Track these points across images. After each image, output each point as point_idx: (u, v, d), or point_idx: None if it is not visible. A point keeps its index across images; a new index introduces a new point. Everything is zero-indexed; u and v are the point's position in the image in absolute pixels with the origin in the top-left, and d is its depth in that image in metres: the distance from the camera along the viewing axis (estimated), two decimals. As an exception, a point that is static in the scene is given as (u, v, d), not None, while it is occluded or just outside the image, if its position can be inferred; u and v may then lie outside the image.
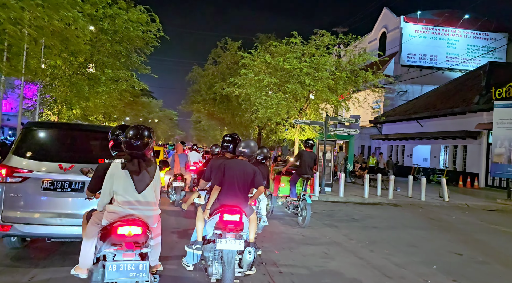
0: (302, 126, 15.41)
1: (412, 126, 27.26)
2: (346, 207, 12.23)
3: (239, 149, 4.69)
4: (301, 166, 8.90)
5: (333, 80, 14.26)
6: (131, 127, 3.51)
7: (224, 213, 4.21)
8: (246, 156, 4.65)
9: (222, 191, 4.43)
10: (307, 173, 8.85)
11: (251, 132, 24.35)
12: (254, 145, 4.75)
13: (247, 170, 4.52)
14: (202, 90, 21.01)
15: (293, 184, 9.16)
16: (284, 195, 9.53)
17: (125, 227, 3.19)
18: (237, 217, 4.20)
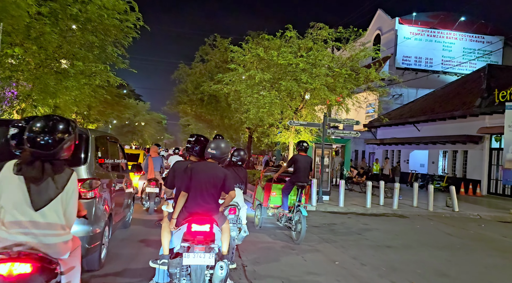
0: (297, 129, 13.88)
1: (409, 131, 25.96)
2: (348, 219, 10.67)
3: (207, 150, 4.15)
4: (295, 172, 7.64)
5: (332, 78, 12.80)
6: (39, 117, 2.52)
7: (192, 223, 3.78)
8: (216, 158, 4.13)
9: (189, 197, 3.96)
10: (303, 180, 7.54)
11: (241, 135, 22.77)
12: (225, 146, 4.24)
13: (217, 173, 4.06)
14: (188, 90, 19.38)
15: (285, 193, 7.82)
16: (275, 205, 8.20)
17: (3, 264, 2.11)
18: (207, 227, 3.78)
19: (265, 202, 8.12)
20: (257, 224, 8.36)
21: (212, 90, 14.46)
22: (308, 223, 9.40)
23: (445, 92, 26.62)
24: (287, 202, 7.76)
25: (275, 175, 8.16)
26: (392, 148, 28.41)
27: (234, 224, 5.21)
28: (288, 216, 7.59)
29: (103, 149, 5.46)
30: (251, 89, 12.69)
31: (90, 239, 4.37)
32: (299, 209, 7.20)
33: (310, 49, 12.97)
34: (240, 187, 5.73)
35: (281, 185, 8.07)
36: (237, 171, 5.73)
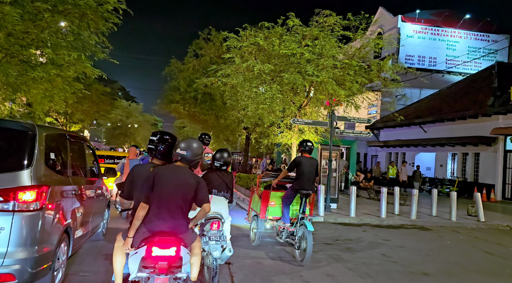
0: (301, 128, 12.21)
1: (414, 132, 24.40)
2: (364, 232, 8.99)
3: (176, 150, 3.31)
4: (298, 177, 6.27)
5: (340, 70, 11.16)
6: None
7: (153, 246, 2.96)
8: (186, 160, 3.31)
9: (151, 211, 3.09)
10: (307, 187, 6.19)
11: (238, 137, 21.06)
12: (197, 146, 3.37)
13: (188, 180, 3.23)
14: (181, 88, 17.64)
15: (287, 203, 6.42)
16: (274, 217, 6.75)
17: None
18: (172, 251, 2.97)
19: (263, 213, 6.65)
20: (253, 239, 6.95)
21: (206, 82, 12.72)
22: (316, 238, 7.76)
23: (452, 92, 25.11)
24: (289, 213, 6.42)
25: (275, 181, 6.69)
26: (396, 150, 26.83)
27: (217, 241, 4.28)
28: (290, 230, 6.28)
29: (60, 150, 4.48)
30: (249, 83, 11.02)
31: (35, 261, 3.42)
32: (303, 222, 5.93)
33: (315, 38, 11.32)
34: (225, 195, 4.84)
35: (281, 193, 6.65)
36: (222, 176, 4.85)
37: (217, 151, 4.98)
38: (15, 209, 3.32)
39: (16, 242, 3.31)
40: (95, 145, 49.53)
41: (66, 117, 17.00)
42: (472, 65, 29.54)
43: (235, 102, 13.42)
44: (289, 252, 6.48)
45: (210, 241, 4.26)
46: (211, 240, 4.27)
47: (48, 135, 4.07)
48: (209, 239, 4.27)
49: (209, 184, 4.59)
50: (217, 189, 4.77)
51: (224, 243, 4.37)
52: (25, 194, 3.41)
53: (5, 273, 3.22)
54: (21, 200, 3.37)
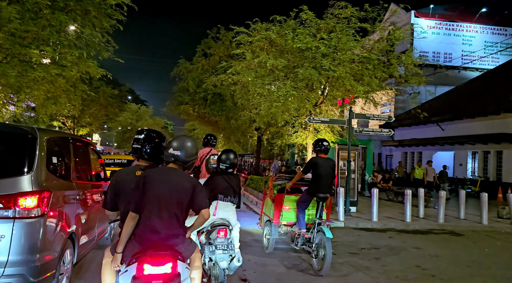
0: (316, 127, 11.44)
1: (431, 130, 23.39)
2: (390, 239, 8.18)
3: (168, 151, 2.86)
4: (315, 180, 5.82)
5: (358, 64, 10.39)
6: None
7: (145, 263, 2.55)
8: (180, 161, 2.87)
9: (141, 221, 2.68)
10: (324, 191, 5.74)
11: (249, 138, 20.32)
12: (191, 145, 2.91)
13: (182, 183, 2.78)
14: (190, 88, 17.00)
15: (302, 207, 5.95)
16: (289, 222, 6.30)
17: None
18: (167, 268, 2.56)
19: (276, 219, 6.20)
20: (266, 246, 6.51)
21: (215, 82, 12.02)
22: (339, 246, 6.99)
23: (470, 88, 24.07)
24: (304, 218, 5.97)
25: (289, 184, 6.18)
26: (412, 150, 25.82)
27: (224, 250, 3.97)
28: (306, 236, 5.80)
29: (63, 154, 4.29)
30: (262, 80, 10.30)
31: (37, 270, 3.27)
32: (320, 228, 5.47)
33: (331, 31, 10.57)
34: (232, 200, 4.42)
35: (295, 197, 6.19)
36: (229, 180, 4.42)
37: (222, 152, 4.58)
38: (16, 216, 3.19)
39: (18, 251, 3.17)
40: (106, 148, 49.30)
41: (74, 121, 16.49)
42: (489, 61, 28.39)
43: (246, 101, 12.72)
44: (306, 260, 5.98)
45: (217, 250, 3.93)
46: (218, 249, 3.94)
47: (50, 139, 3.86)
48: (215, 248, 3.95)
49: (214, 188, 4.34)
50: (223, 194, 4.37)
51: (232, 252, 4.00)
52: (26, 200, 3.25)
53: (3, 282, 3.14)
54: (21, 207, 3.22)
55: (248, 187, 15.67)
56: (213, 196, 4.31)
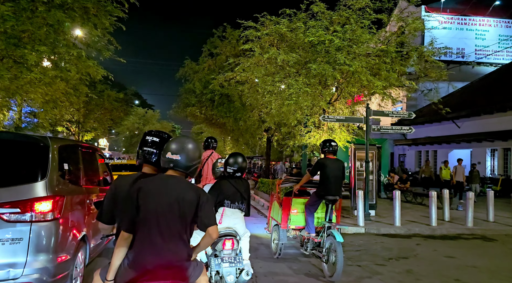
0: (331, 126, 10.71)
1: (446, 128, 22.49)
2: (418, 246, 7.41)
3: (166, 155, 2.35)
4: (323, 182, 5.62)
5: (375, 58, 9.67)
6: None
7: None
8: (181, 167, 2.35)
9: (137, 241, 2.20)
10: (333, 193, 5.53)
11: (258, 140, 19.64)
12: (193, 147, 2.41)
13: (185, 195, 2.27)
14: (196, 90, 16.37)
15: (310, 211, 5.76)
16: (297, 226, 6.09)
17: None
18: None
19: (284, 223, 6.00)
20: (274, 251, 6.27)
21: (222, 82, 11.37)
22: (364, 255, 6.27)
23: (485, 84, 23.13)
24: (313, 222, 5.77)
25: (296, 187, 5.98)
26: (427, 148, 24.93)
27: (231, 263, 3.65)
28: (316, 241, 5.59)
29: (73, 160, 4.40)
30: (272, 77, 9.62)
31: (54, 270, 3.43)
32: (330, 232, 5.25)
33: (345, 23, 9.85)
34: (239, 206, 4.07)
35: (304, 199, 6.00)
36: (236, 184, 4.07)
37: (229, 155, 4.22)
38: (32, 220, 3.33)
39: (35, 252, 3.31)
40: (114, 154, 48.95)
41: (78, 125, 15.97)
42: (504, 55, 27.41)
43: (255, 101, 12.06)
44: (316, 265, 5.76)
45: (223, 263, 3.61)
46: (224, 261, 3.62)
47: (61, 147, 4.01)
48: (222, 261, 3.62)
49: (220, 194, 4.03)
50: (230, 200, 4.03)
51: (240, 264, 3.65)
52: (41, 205, 3.39)
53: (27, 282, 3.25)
54: (37, 211, 3.36)
55: (258, 191, 14.98)
56: (219, 202, 4.00)
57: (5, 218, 3.26)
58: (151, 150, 2.60)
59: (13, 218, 3.28)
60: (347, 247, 7.24)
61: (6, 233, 3.24)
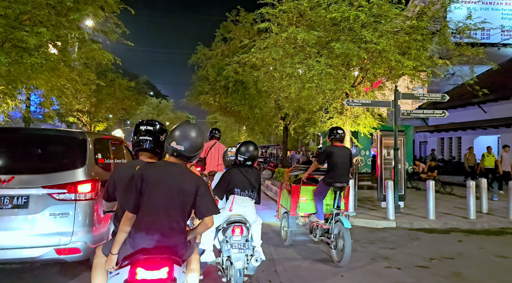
0: (354, 112, 9.80)
1: (471, 113, 21.23)
2: (460, 244, 6.55)
3: (170, 144, 2.51)
4: (331, 169, 5.72)
5: (405, 35, 8.71)
6: None
7: (139, 267, 2.31)
8: (184, 156, 2.53)
9: (138, 222, 2.41)
10: (341, 180, 5.65)
11: (275, 128, 18.79)
12: (196, 136, 2.55)
13: (185, 184, 2.48)
14: (210, 76, 15.59)
15: (319, 198, 5.87)
16: (306, 213, 6.21)
17: None
18: (163, 273, 2.31)
19: (293, 210, 6.13)
20: (284, 238, 6.38)
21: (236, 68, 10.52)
22: (400, 255, 5.47)
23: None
24: (322, 208, 5.86)
25: (304, 174, 6.13)
26: (450, 135, 23.71)
27: (240, 249, 3.72)
28: (325, 227, 5.71)
29: (105, 151, 5.01)
30: (291, 58, 8.75)
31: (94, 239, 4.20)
32: (338, 218, 5.33)
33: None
34: (249, 194, 4.09)
35: (312, 187, 6.11)
36: (246, 173, 4.10)
37: (241, 144, 4.23)
38: (76, 199, 4.08)
39: (79, 224, 4.07)
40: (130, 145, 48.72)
41: (90, 116, 15.41)
42: (532, 35, 25.69)
43: (271, 87, 11.22)
44: (325, 251, 5.88)
45: (232, 249, 3.76)
46: (233, 247, 3.76)
47: (95, 139, 4.72)
48: (231, 247, 3.77)
49: (231, 182, 4.09)
50: (240, 188, 4.07)
51: (249, 251, 3.78)
52: (82, 187, 4.14)
53: (74, 247, 4.01)
54: (79, 192, 4.12)
55: (275, 181, 14.23)
56: (229, 190, 4.08)
57: (56, 197, 4.03)
58: (145, 138, 2.84)
59: (62, 197, 4.05)
60: (379, 243, 6.44)
61: (57, 209, 4.01)
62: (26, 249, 3.87)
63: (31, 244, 3.90)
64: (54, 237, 3.95)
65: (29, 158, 4.49)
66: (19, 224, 3.91)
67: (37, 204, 3.95)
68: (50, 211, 3.98)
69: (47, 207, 3.97)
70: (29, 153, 4.52)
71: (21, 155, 4.50)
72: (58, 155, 4.52)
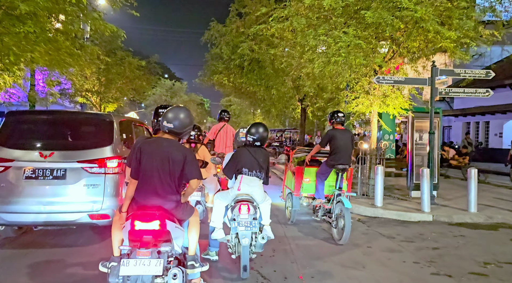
0: (383, 91, 8.72)
1: (501, 96, 19.69)
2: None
3: (162, 122, 3.03)
4: (333, 152, 5.78)
5: (444, 3, 7.53)
6: None
7: (136, 219, 2.77)
8: (174, 133, 3.05)
9: (139, 186, 3.00)
10: (344, 161, 5.68)
11: (292, 110, 17.76)
12: (185, 115, 3.06)
13: (173, 155, 2.99)
14: (224, 54, 14.56)
15: (321, 179, 5.93)
16: (309, 194, 6.33)
17: None
18: (155, 224, 2.76)
19: (297, 191, 6.30)
20: (288, 217, 6.56)
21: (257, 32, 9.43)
22: (446, 257, 4.50)
23: (551, 44, 19.93)
24: (323, 189, 5.99)
25: (308, 156, 6.25)
26: (477, 119, 22.25)
27: (247, 227, 3.82)
28: (327, 207, 5.86)
29: (128, 131, 5.62)
30: (315, 29, 7.68)
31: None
32: (340, 199, 5.39)
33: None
34: (257, 175, 4.13)
35: (315, 169, 6.18)
36: (254, 153, 4.14)
37: (251, 125, 4.29)
38: (105, 172, 4.68)
39: (108, 194, 4.68)
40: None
41: (100, 96, 14.65)
42: None
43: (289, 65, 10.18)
44: (326, 230, 6.04)
45: (239, 227, 3.81)
46: (240, 225, 3.81)
47: (120, 121, 5.33)
48: (238, 225, 3.83)
49: (239, 162, 4.14)
50: (248, 168, 4.12)
51: (255, 229, 3.84)
52: (111, 162, 4.73)
53: (104, 213, 4.61)
54: (108, 166, 4.71)
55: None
56: (237, 169, 4.14)
57: (89, 171, 4.59)
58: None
59: (93, 170, 4.60)
60: (418, 241, 5.51)
61: (89, 181, 4.57)
62: (65, 213, 4.51)
63: (69, 210, 4.53)
64: (88, 204, 4.57)
65: (66, 136, 5.13)
66: (59, 193, 4.54)
67: (73, 176, 4.56)
68: (84, 182, 4.57)
69: (81, 178, 4.57)
70: (66, 132, 5.14)
71: (59, 134, 5.12)
72: (89, 134, 5.15)
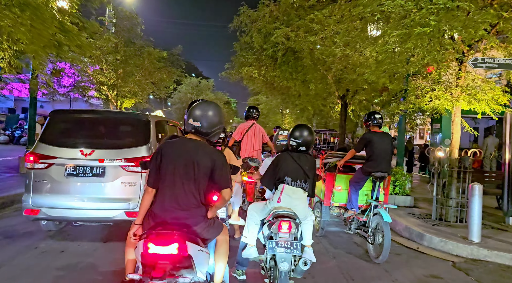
0: (471, 82, 6.38)
1: None
2: None
3: (188, 120, 2.59)
4: (370, 157, 5.07)
5: None
6: None
7: (150, 241, 2.26)
8: (201, 133, 2.60)
9: (158, 196, 2.56)
10: (382, 169, 4.97)
11: (330, 109, 15.47)
12: (214, 113, 2.60)
13: (200, 158, 2.51)
14: (255, 44, 12.49)
15: (355, 187, 5.26)
16: (341, 204, 5.58)
17: None
18: (172, 248, 2.24)
19: (327, 200, 5.60)
20: (317, 229, 5.73)
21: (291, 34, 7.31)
22: None
23: None
24: (357, 199, 5.28)
25: (340, 162, 5.50)
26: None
27: (287, 248, 3.18)
28: (361, 220, 5.09)
29: (163, 131, 5.64)
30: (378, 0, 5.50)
31: None
32: (377, 211, 4.70)
33: None
34: (302, 185, 3.51)
35: (349, 176, 5.52)
36: (299, 160, 3.54)
37: (295, 127, 3.67)
38: (142, 171, 4.70)
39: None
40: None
41: (116, 90, 12.96)
42: None
43: (331, 54, 7.99)
44: (359, 244, 5.42)
45: (278, 248, 3.18)
46: (279, 246, 3.18)
47: (156, 121, 5.37)
48: (276, 245, 3.20)
49: (280, 169, 3.53)
50: (291, 177, 3.48)
51: (297, 251, 3.20)
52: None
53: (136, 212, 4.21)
54: None
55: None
56: (278, 178, 3.51)
57: (126, 169, 4.76)
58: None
59: (130, 169, 4.78)
60: None
61: (127, 179, 4.76)
62: (103, 210, 4.66)
63: (107, 207, 4.66)
64: (124, 202, 4.69)
65: (105, 135, 5.15)
66: (98, 190, 4.66)
67: (111, 174, 4.68)
68: (122, 180, 4.70)
69: (119, 176, 4.70)
70: (105, 131, 5.17)
71: (99, 133, 5.14)
72: (127, 134, 5.22)
